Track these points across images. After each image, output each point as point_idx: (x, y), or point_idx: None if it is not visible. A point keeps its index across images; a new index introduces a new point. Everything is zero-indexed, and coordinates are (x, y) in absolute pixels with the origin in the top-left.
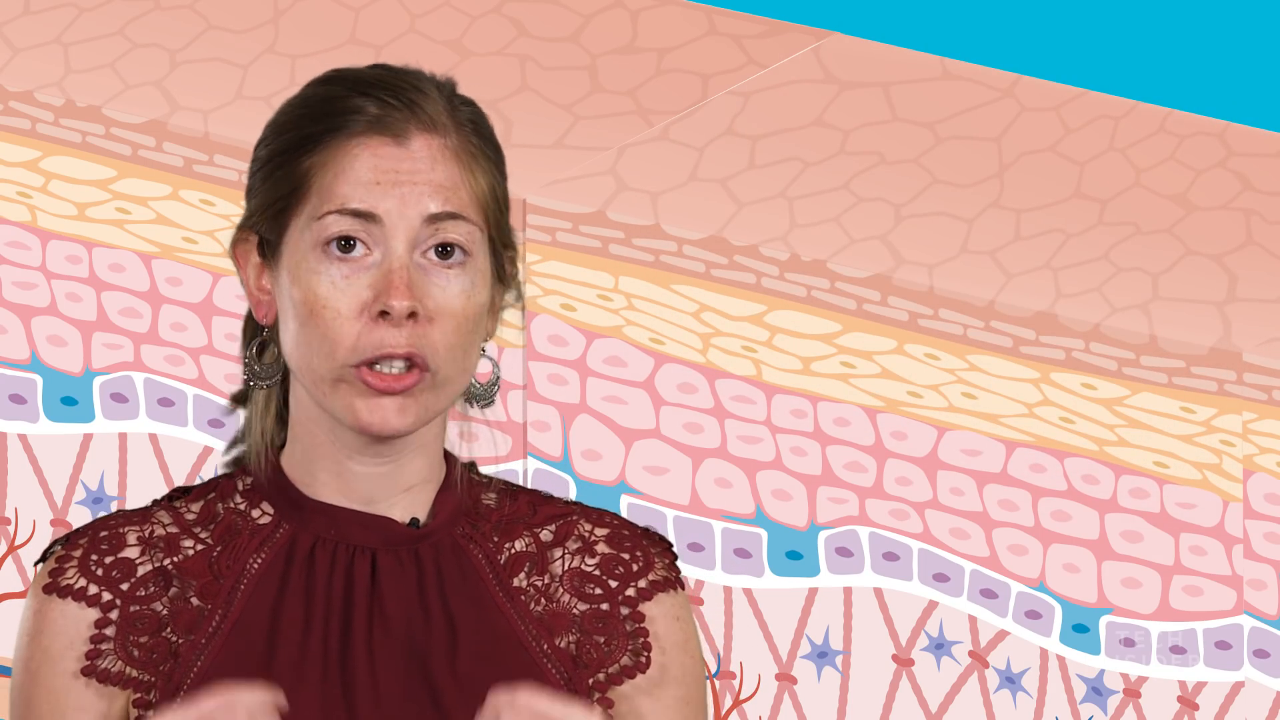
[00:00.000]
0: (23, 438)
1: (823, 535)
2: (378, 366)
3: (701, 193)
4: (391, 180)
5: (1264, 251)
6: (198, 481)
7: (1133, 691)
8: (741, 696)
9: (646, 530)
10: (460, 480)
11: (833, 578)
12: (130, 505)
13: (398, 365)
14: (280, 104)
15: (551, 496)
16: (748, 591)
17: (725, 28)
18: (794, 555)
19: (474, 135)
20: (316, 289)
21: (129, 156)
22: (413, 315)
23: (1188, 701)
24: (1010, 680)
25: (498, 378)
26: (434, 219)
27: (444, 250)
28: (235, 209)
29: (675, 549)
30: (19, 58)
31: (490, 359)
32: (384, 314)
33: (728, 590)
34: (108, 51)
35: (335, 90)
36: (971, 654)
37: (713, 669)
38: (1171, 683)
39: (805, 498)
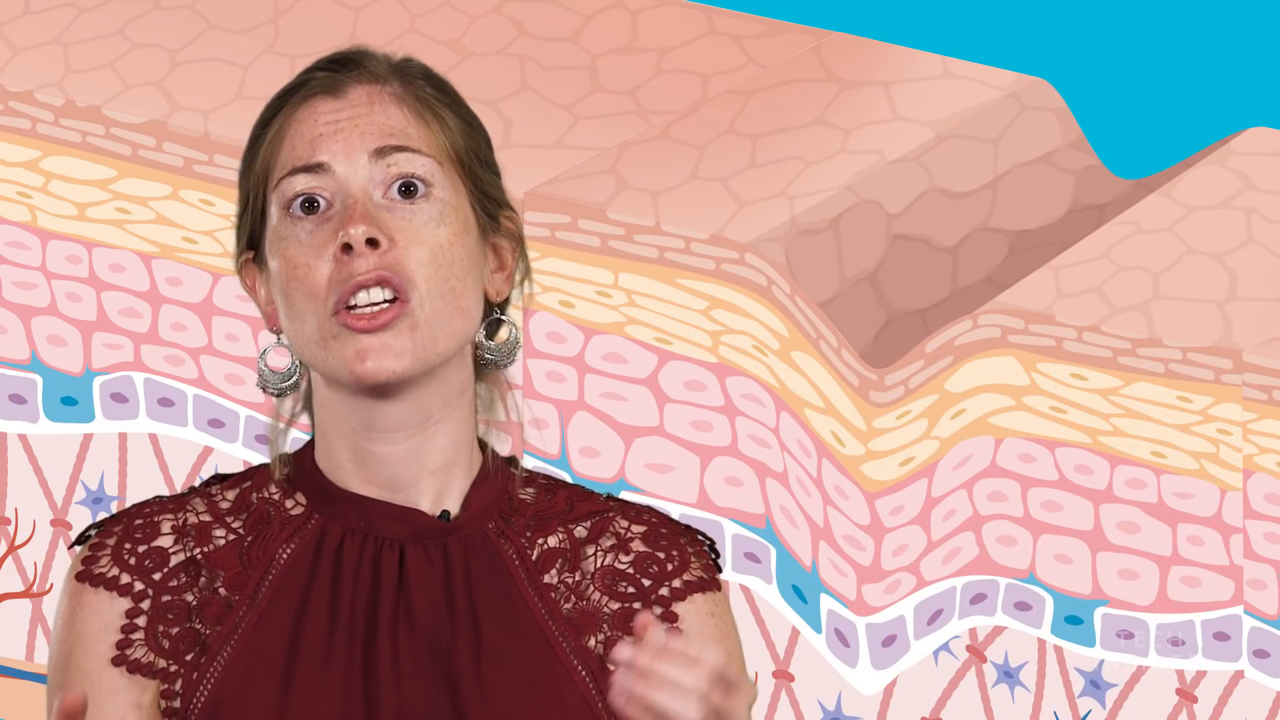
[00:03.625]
0: (23, 438)
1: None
2: (354, 306)
3: (702, 191)
4: (333, 130)
5: (1264, 250)
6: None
7: (1131, 684)
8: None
9: (687, 528)
10: (496, 472)
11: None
12: (130, 506)
13: (375, 295)
14: None
15: (592, 492)
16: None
17: (725, 28)
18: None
19: (427, 87)
20: (288, 252)
21: (129, 156)
22: (373, 243)
23: (1186, 694)
24: (1008, 674)
25: (517, 337)
26: (380, 153)
27: (406, 189)
28: (235, 209)
29: (715, 547)
30: (19, 58)
31: (508, 320)
32: (346, 248)
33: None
34: (108, 51)
35: (299, 75)
36: (969, 649)
37: None
38: (1170, 674)
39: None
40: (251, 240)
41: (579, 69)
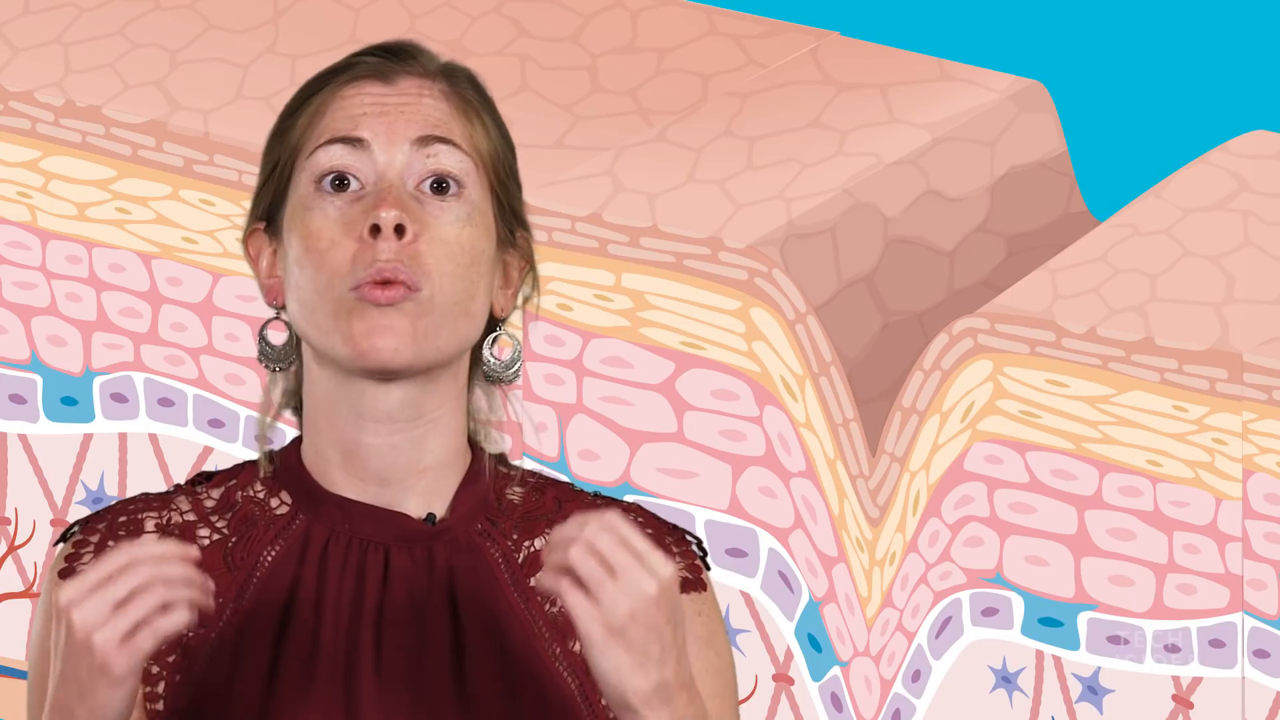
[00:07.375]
0: (23, 438)
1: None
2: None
3: (699, 193)
4: (378, 110)
5: (1261, 253)
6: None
7: (1127, 690)
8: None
9: (674, 527)
10: (485, 472)
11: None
12: (114, 503)
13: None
14: (281, 104)
15: (581, 491)
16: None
17: (725, 28)
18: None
19: (470, 91)
20: (311, 224)
21: (129, 156)
22: (400, 229)
23: (1182, 699)
24: (1006, 680)
25: (519, 353)
26: (422, 141)
27: (438, 185)
28: (235, 209)
29: (702, 545)
30: (19, 58)
31: (511, 336)
32: (374, 230)
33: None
34: (108, 51)
35: (346, 58)
36: (970, 654)
37: None
38: (1166, 680)
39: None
40: (268, 212)
41: (579, 69)
